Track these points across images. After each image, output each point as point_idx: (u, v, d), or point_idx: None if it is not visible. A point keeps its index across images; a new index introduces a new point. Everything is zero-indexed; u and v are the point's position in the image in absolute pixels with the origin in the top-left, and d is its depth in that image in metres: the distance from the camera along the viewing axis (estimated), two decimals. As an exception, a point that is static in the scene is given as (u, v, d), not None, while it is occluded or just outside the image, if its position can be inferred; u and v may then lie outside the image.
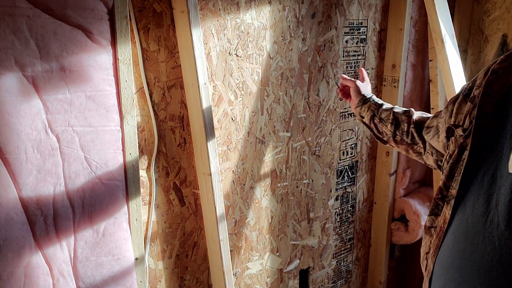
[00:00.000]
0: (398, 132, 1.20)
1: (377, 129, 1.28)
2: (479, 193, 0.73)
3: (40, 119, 1.08)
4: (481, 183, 0.74)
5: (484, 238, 0.69)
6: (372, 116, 1.29)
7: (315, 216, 1.92)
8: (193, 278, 1.55)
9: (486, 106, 0.79)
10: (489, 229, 0.69)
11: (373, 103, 1.31)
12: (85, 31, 1.13)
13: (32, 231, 1.10)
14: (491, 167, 0.73)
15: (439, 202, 0.87)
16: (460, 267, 0.73)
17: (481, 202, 0.72)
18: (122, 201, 1.25)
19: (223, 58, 1.47)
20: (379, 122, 1.26)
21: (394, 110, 1.25)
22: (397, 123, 1.21)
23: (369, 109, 1.31)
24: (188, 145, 1.45)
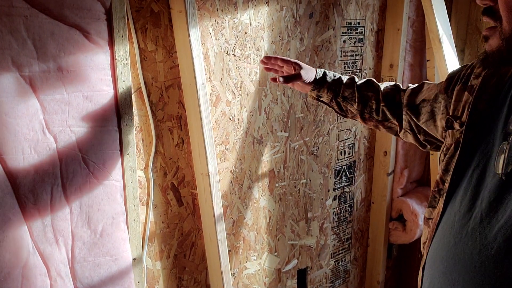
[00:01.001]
0: (366, 110, 1.12)
1: (340, 107, 1.18)
2: (468, 188, 0.75)
3: (37, 119, 1.08)
4: (470, 179, 0.75)
5: (467, 233, 0.71)
6: (334, 96, 1.16)
7: (313, 216, 1.93)
8: (191, 278, 1.55)
9: (481, 103, 0.79)
10: (472, 224, 0.70)
11: (332, 82, 1.15)
12: (83, 31, 1.13)
13: (29, 231, 1.09)
14: (481, 164, 0.74)
15: (435, 194, 0.88)
16: (443, 258, 0.75)
17: (468, 198, 0.74)
18: (120, 201, 1.24)
19: (220, 58, 1.47)
20: (343, 101, 1.15)
21: (357, 84, 1.14)
22: (364, 101, 1.12)
23: (329, 90, 1.16)
24: (186, 145, 1.45)
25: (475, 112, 0.79)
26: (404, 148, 2.13)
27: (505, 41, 0.65)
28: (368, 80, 1.15)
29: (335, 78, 1.17)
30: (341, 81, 1.16)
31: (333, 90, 1.15)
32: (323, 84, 1.16)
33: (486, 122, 0.77)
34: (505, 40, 0.65)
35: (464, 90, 0.86)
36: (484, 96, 0.79)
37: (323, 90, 1.16)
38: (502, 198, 0.67)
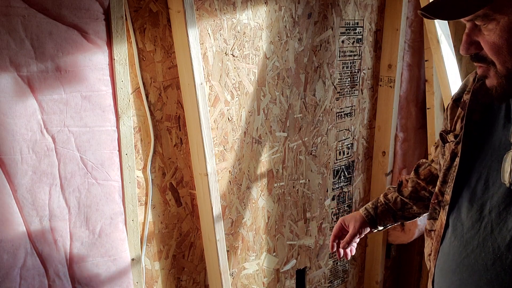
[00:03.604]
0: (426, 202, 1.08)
1: (407, 218, 1.14)
2: (473, 200, 0.76)
3: (35, 119, 1.08)
4: (474, 191, 0.76)
5: (478, 244, 0.72)
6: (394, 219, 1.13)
7: (312, 216, 1.93)
8: (190, 279, 1.54)
9: (474, 114, 0.80)
10: (483, 235, 0.71)
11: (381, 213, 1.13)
12: (81, 31, 1.12)
13: (27, 231, 1.09)
14: (483, 174, 0.75)
15: (436, 206, 0.89)
16: (456, 271, 0.75)
17: (475, 209, 0.74)
18: (118, 201, 1.24)
19: (219, 58, 1.47)
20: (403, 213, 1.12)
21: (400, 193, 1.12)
22: (417, 199, 1.09)
23: (386, 220, 1.14)
24: (185, 145, 1.45)
25: (470, 123, 0.80)
26: (402, 148, 2.13)
27: (505, 78, 0.67)
28: (400, 180, 1.14)
29: (379, 205, 1.14)
30: (386, 202, 1.13)
31: (387, 214, 1.14)
32: (376, 219, 1.14)
33: (482, 133, 0.78)
34: (504, 78, 0.67)
35: (457, 106, 0.88)
36: (477, 107, 0.80)
37: (382, 222, 1.14)
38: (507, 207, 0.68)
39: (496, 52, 0.66)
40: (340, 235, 1.18)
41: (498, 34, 0.65)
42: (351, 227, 1.14)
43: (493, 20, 0.65)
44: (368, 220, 1.13)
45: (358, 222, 1.13)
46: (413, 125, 2.15)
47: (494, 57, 0.67)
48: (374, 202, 1.16)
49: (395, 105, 2.03)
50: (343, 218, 1.18)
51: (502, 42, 0.65)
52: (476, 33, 0.68)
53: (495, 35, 0.65)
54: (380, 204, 1.14)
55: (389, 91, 2.02)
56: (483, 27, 0.67)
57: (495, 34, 0.65)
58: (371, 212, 1.13)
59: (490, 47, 0.66)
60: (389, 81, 2.01)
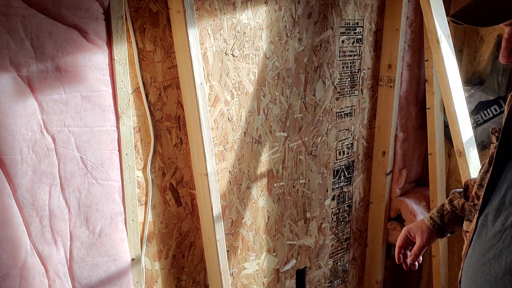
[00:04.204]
0: None
1: None
2: (501, 209, 0.72)
3: (35, 119, 1.08)
4: (503, 199, 0.72)
5: (495, 254, 0.70)
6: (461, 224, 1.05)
7: (312, 216, 1.93)
8: (190, 279, 1.55)
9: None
10: (500, 247, 0.69)
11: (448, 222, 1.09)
12: (81, 31, 1.12)
13: (27, 231, 1.09)
14: None
15: (471, 209, 0.86)
16: (473, 277, 0.74)
17: (501, 219, 0.72)
18: (118, 201, 1.24)
19: (219, 58, 1.47)
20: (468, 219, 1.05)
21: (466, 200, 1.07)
22: None
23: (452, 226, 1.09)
24: (185, 145, 1.45)
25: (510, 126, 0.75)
26: (402, 148, 2.13)
27: None
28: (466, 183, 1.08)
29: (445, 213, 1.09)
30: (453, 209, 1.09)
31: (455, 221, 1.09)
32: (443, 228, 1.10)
33: None
34: None
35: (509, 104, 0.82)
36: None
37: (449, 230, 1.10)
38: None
39: None
40: (405, 246, 1.13)
41: None
42: (419, 239, 1.09)
43: None
44: (435, 230, 1.09)
45: (425, 233, 1.08)
46: (413, 125, 2.15)
47: None
48: (440, 210, 1.10)
49: (395, 105, 2.03)
50: (408, 228, 1.12)
51: None
52: None
53: None
54: (447, 212, 1.09)
55: (389, 91, 2.02)
56: None
57: None
58: (438, 221, 1.09)
59: None
60: (389, 81, 2.01)
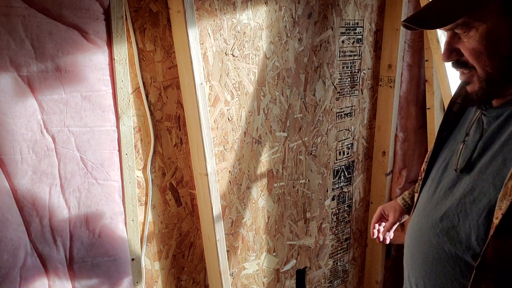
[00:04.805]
0: None
1: None
2: (435, 179, 0.88)
3: (35, 119, 1.08)
4: (437, 171, 0.88)
5: (426, 214, 0.84)
6: None
7: (312, 216, 1.93)
8: (190, 279, 1.55)
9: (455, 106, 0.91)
10: (430, 207, 0.84)
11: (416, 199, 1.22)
12: (81, 31, 1.12)
13: (27, 232, 1.09)
14: (447, 158, 0.87)
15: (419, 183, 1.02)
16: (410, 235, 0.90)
17: (433, 187, 0.87)
18: (118, 201, 1.24)
19: (219, 58, 1.47)
20: None
21: None
22: None
23: None
24: (185, 145, 1.45)
25: (449, 114, 0.92)
26: (402, 148, 2.13)
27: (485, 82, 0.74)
28: None
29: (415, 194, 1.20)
30: None
31: None
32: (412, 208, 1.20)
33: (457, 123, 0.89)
34: (484, 82, 0.74)
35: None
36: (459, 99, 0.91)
37: None
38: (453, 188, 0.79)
39: (477, 57, 0.72)
40: (379, 223, 1.32)
41: (478, 40, 0.71)
42: (391, 216, 1.26)
43: (472, 28, 0.71)
44: (406, 209, 1.24)
45: (397, 212, 1.25)
46: (413, 125, 2.15)
47: (475, 62, 0.73)
48: (410, 192, 1.26)
49: (395, 105, 2.03)
50: (383, 207, 1.30)
51: (482, 47, 0.71)
52: (456, 41, 0.75)
53: (475, 42, 0.71)
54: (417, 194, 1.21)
55: (389, 91, 2.02)
56: (463, 35, 0.73)
57: (475, 41, 0.71)
58: (408, 201, 1.24)
59: (470, 53, 0.73)
60: (389, 81, 2.01)
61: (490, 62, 0.72)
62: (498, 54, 0.71)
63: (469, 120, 0.85)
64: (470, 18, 0.70)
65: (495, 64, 0.72)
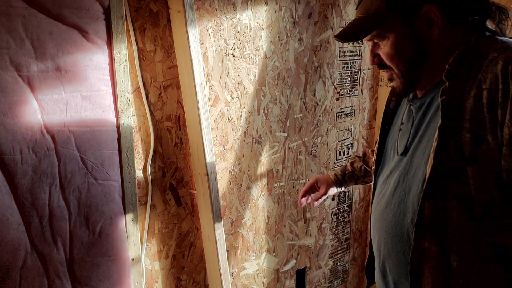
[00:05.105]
0: None
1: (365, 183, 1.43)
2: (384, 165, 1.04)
3: (35, 119, 1.08)
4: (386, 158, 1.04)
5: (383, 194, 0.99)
6: (355, 182, 1.41)
7: (312, 216, 1.93)
8: (190, 279, 1.54)
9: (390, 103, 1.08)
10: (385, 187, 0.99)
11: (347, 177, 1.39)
12: (81, 31, 1.12)
13: (27, 231, 1.09)
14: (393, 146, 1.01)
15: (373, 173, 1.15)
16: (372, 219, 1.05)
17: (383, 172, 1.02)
18: (118, 201, 1.24)
19: (219, 58, 1.47)
20: (364, 179, 1.40)
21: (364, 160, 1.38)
22: None
23: (350, 182, 1.41)
24: (185, 145, 1.45)
25: (387, 110, 1.07)
26: (402, 148, 2.13)
27: (401, 78, 0.92)
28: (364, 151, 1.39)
29: (347, 172, 1.39)
30: (353, 170, 1.39)
31: (352, 179, 1.39)
32: (342, 183, 1.40)
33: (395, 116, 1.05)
34: (401, 78, 0.92)
35: None
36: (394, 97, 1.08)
37: (346, 185, 1.41)
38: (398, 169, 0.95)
39: (391, 60, 0.90)
40: (309, 192, 1.44)
41: (390, 47, 0.89)
42: (323, 188, 1.39)
43: (385, 38, 0.90)
44: (337, 184, 1.40)
45: (329, 186, 1.39)
46: (413, 125, 2.15)
47: (390, 63, 0.91)
48: (343, 169, 1.41)
49: (395, 105, 2.03)
50: (317, 178, 1.42)
51: (393, 52, 0.89)
52: (376, 48, 0.93)
53: (388, 48, 0.90)
54: (348, 172, 1.39)
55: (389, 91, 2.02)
56: (379, 43, 0.91)
57: (387, 47, 0.90)
58: (340, 178, 1.40)
59: (385, 56, 0.91)
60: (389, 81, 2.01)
61: (401, 63, 0.90)
62: (406, 56, 0.89)
63: (402, 112, 1.02)
64: (382, 30, 0.89)
65: (405, 63, 0.90)
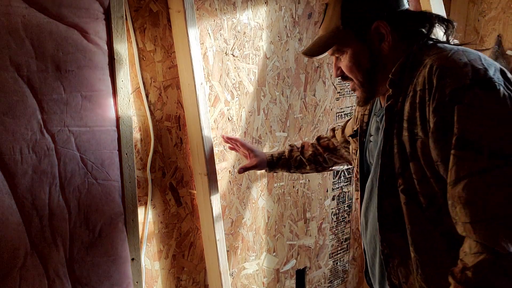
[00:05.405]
0: (317, 165, 1.43)
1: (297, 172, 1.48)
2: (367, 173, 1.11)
3: (35, 119, 1.08)
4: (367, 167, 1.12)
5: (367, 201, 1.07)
6: (287, 170, 1.45)
7: (312, 216, 1.93)
8: (190, 279, 1.54)
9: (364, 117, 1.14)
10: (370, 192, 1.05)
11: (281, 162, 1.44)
12: (81, 30, 1.12)
13: (27, 231, 1.09)
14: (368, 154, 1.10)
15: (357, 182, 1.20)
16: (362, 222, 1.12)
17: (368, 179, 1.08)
18: (118, 201, 1.24)
19: (219, 58, 1.47)
20: (297, 170, 1.45)
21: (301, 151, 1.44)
22: (313, 161, 1.43)
23: (282, 168, 1.45)
24: (185, 145, 1.45)
25: (362, 124, 1.14)
26: (402, 148, 2.13)
27: (361, 87, 1.01)
28: (303, 143, 1.46)
29: (283, 157, 1.45)
30: (289, 157, 1.44)
31: (285, 166, 1.44)
32: (275, 166, 1.45)
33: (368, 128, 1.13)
34: (361, 87, 1.01)
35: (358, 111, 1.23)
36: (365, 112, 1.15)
37: (277, 169, 1.46)
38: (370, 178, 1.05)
39: (350, 72, 1.00)
40: (237, 150, 1.49)
41: (348, 60, 0.99)
42: (253, 162, 1.43)
43: (344, 52, 0.99)
44: (268, 165, 1.44)
45: (261, 163, 1.43)
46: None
47: (350, 75, 1.00)
48: (281, 153, 1.46)
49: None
50: (254, 150, 1.45)
51: (351, 64, 0.98)
52: (338, 62, 1.03)
53: (347, 61, 0.99)
54: (284, 158, 1.44)
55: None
56: (340, 57, 1.01)
57: (346, 60, 0.99)
58: (275, 160, 1.44)
59: (345, 69, 1.00)
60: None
61: (359, 74, 0.99)
62: (363, 68, 0.98)
63: (370, 124, 1.10)
64: (340, 45, 0.99)
65: (363, 74, 0.98)
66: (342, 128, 1.38)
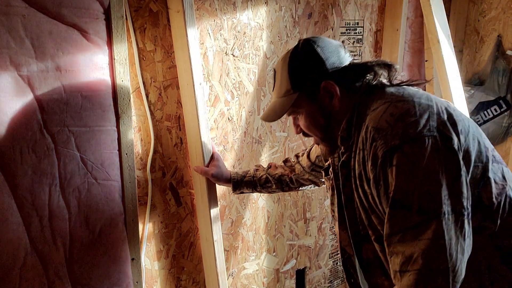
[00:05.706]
0: (283, 185, 1.43)
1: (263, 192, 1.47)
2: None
3: (35, 119, 1.08)
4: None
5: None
6: (253, 189, 1.43)
7: (312, 216, 1.93)
8: (190, 279, 1.54)
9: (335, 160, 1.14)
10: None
11: (247, 181, 1.42)
12: (81, 30, 1.12)
13: (27, 231, 1.09)
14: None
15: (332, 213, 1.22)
16: None
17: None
18: (118, 201, 1.24)
19: (219, 58, 1.47)
20: (262, 189, 1.44)
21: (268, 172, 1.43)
22: (278, 181, 1.42)
23: (247, 188, 1.43)
24: (185, 145, 1.45)
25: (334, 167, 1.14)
26: (402, 148, 2.13)
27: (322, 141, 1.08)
28: (270, 164, 1.46)
29: (247, 175, 1.43)
30: (254, 176, 1.43)
31: (250, 185, 1.42)
32: (240, 185, 1.42)
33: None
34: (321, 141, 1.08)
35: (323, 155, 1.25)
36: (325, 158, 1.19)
37: (243, 189, 1.43)
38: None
39: (308, 129, 1.06)
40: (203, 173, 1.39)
41: (304, 119, 1.05)
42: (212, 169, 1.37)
43: (299, 113, 1.06)
44: (233, 182, 1.41)
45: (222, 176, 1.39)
46: (413, 125, 2.15)
47: (308, 132, 1.07)
48: (246, 171, 1.45)
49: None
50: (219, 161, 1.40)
51: (307, 123, 1.05)
52: (297, 121, 1.09)
53: (303, 120, 1.06)
54: (249, 176, 1.43)
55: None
56: (298, 117, 1.08)
57: (303, 120, 1.06)
58: (239, 178, 1.42)
59: (304, 127, 1.07)
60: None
61: (316, 131, 1.06)
62: (319, 125, 1.04)
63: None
64: (295, 107, 1.05)
65: (320, 131, 1.05)
66: (307, 153, 1.40)
